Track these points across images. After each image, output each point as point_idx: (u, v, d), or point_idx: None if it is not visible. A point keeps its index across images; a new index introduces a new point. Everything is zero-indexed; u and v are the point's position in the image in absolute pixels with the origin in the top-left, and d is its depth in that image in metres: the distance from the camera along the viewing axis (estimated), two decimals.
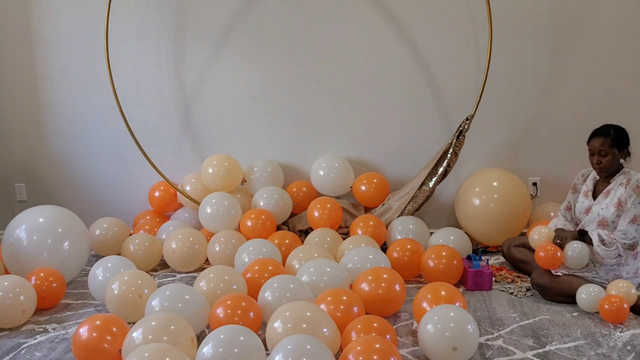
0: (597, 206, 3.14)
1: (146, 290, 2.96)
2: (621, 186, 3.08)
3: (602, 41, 3.95)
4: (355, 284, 2.98)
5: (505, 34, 3.96)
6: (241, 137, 4.37)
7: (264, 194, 4.07)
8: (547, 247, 3.07)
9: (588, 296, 2.92)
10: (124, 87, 4.24)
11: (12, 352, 2.77)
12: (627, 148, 3.11)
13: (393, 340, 2.49)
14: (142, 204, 4.44)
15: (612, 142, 3.06)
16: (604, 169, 3.11)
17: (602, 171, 3.14)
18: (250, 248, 3.44)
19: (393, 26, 4.11)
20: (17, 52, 4.37)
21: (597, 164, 3.12)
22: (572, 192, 3.39)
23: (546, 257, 3.05)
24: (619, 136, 3.08)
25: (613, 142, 3.06)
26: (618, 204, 3.06)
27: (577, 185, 3.36)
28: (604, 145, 3.07)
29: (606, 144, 3.06)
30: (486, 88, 3.89)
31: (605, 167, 3.10)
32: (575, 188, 3.37)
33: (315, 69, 4.23)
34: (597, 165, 3.12)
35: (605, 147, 3.06)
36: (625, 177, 3.09)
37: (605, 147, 3.06)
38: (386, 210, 4.07)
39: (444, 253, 3.35)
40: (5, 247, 3.43)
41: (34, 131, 4.48)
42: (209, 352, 2.25)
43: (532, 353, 2.61)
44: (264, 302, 2.78)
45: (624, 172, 3.11)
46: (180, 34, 4.27)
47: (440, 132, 4.18)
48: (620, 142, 3.08)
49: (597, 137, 3.10)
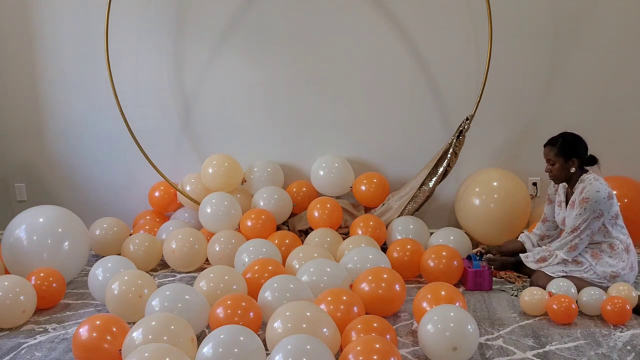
0: (568, 218, 3.21)
1: (146, 290, 2.95)
2: (580, 194, 3.12)
3: (602, 41, 3.95)
4: (355, 284, 2.98)
5: (505, 34, 3.96)
6: (241, 137, 4.37)
7: (264, 194, 4.07)
8: (560, 299, 2.87)
9: (589, 299, 2.91)
10: (124, 87, 4.24)
11: (12, 352, 2.77)
12: (574, 158, 3.13)
13: (393, 340, 2.49)
14: (142, 204, 4.44)
15: (557, 151, 3.14)
16: (554, 178, 3.23)
17: (554, 179, 3.25)
18: (250, 248, 3.44)
19: (393, 26, 4.11)
20: (17, 52, 4.37)
21: (547, 172, 3.23)
22: (548, 203, 3.46)
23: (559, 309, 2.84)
24: (565, 146, 3.14)
25: (559, 151, 3.14)
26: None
27: (551, 195, 3.43)
28: (550, 154, 3.18)
29: (552, 153, 3.17)
30: (486, 88, 3.89)
31: (555, 176, 3.21)
32: (550, 199, 3.44)
33: (315, 69, 4.23)
34: (547, 173, 3.23)
35: (552, 156, 3.17)
36: (582, 185, 3.13)
37: (551, 155, 3.17)
38: (386, 210, 4.07)
39: (444, 253, 3.35)
40: (5, 247, 3.42)
41: (34, 131, 4.48)
42: (209, 352, 2.25)
43: (532, 353, 2.60)
44: (264, 302, 2.78)
45: (581, 179, 3.16)
46: (180, 34, 4.27)
47: (440, 132, 4.18)
48: (566, 152, 3.13)
49: (546, 145, 3.21)
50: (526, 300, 2.97)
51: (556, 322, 2.87)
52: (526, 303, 2.97)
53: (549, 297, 2.93)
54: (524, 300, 2.98)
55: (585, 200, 3.05)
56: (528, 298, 2.97)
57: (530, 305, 2.95)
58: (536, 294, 2.96)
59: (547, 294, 2.96)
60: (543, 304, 2.93)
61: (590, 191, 3.06)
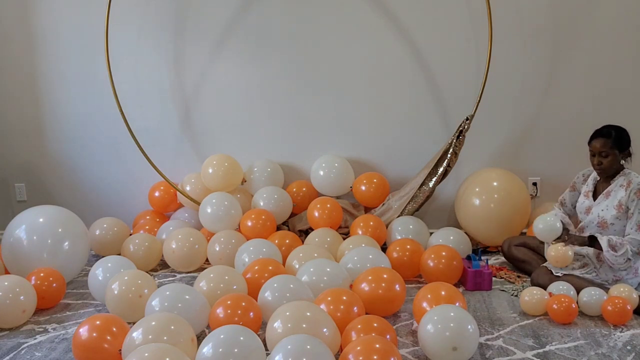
0: (597, 207, 3.14)
1: (146, 290, 2.95)
2: (621, 188, 3.08)
3: (602, 41, 3.95)
4: (355, 284, 2.98)
5: (505, 34, 3.96)
6: (241, 137, 4.37)
7: (264, 194, 4.07)
8: (561, 299, 2.87)
9: (590, 299, 2.91)
10: (124, 87, 4.23)
11: (12, 352, 2.77)
12: (628, 149, 3.11)
13: (393, 340, 2.49)
14: (142, 204, 4.44)
15: (613, 143, 3.06)
16: (604, 170, 3.12)
17: (602, 172, 3.14)
18: (250, 248, 3.44)
19: (393, 26, 4.11)
20: (17, 52, 4.37)
21: (597, 165, 3.12)
22: (571, 190, 3.40)
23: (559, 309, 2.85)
24: (620, 137, 3.08)
25: (614, 143, 3.06)
26: (619, 206, 3.06)
27: (577, 184, 3.37)
28: (605, 146, 3.07)
29: (607, 145, 3.06)
30: (486, 88, 3.89)
31: (606, 168, 3.10)
32: (575, 187, 3.38)
33: (315, 69, 4.23)
34: (598, 166, 3.12)
35: (607, 148, 3.07)
36: (625, 179, 3.08)
37: (606, 148, 3.07)
38: (386, 210, 4.07)
39: (444, 253, 3.35)
40: (5, 247, 3.42)
41: (34, 131, 4.48)
42: (209, 352, 2.25)
43: (532, 353, 2.60)
44: (264, 302, 2.78)
45: (624, 173, 3.11)
46: (180, 34, 4.27)
47: (440, 132, 4.18)
48: (621, 144, 3.08)
49: (598, 138, 3.10)
50: (526, 300, 2.97)
51: (556, 322, 2.87)
52: (526, 303, 2.97)
53: (549, 297, 2.93)
54: (524, 300, 2.98)
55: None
56: (528, 298, 2.97)
57: (530, 305, 2.95)
58: (536, 294, 2.96)
59: (547, 294, 2.96)
60: (543, 304, 2.93)
61: None
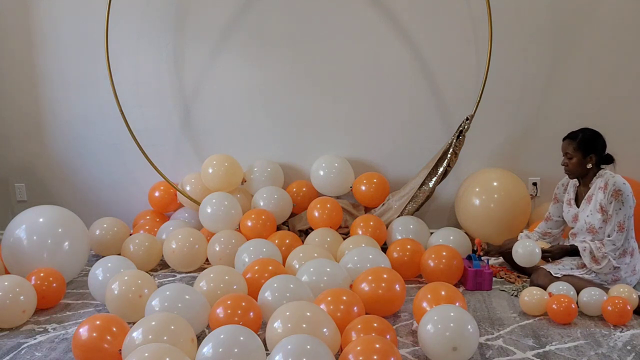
0: (583, 213, 3.18)
1: (146, 290, 2.95)
2: (600, 190, 3.10)
3: (602, 41, 3.95)
4: (355, 284, 2.98)
5: (505, 34, 3.96)
6: (241, 137, 4.37)
7: (264, 194, 4.07)
8: (560, 299, 2.87)
9: (589, 299, 2.91)
10: (124, 87, 4.24)
11: (12, 352, 2.76)
12: (595, 154, 3.11)
13: (393, 340, 2.49)
14: (142, 204, 4.44)
15: (577, 146, 3.12)
16: (570, 172, 3.20)
17: (568, 174, 3.22)
18: (250, 248, 3.44)
19: (393, 26, 4.11)
20: (17, 52, 4.37)
21: (563, 165, 3.20)
22: (554, 202, 3.43)
23: (559, 309, 2.85)
24: (586, 140, 3.12)
25: (579, 146, 3.11)
26: (601, 209, 3.08)
27: (559, 194, 3.41)
28: (569, 147, 3.15)
29: (571, 147, 3.14)
30: (486, 88, 3.89)
31: (571, 170, 3.18)
32: (557, 198, 3.42)
33: (315, 69, 4.23)
34: (563, 166, 3.20)
35: (570, 150, 3.14)
36: (603, 181, 3.11)
37: (570, 149, 3.15)
38: (386, 210, 4.07)
39: (444, 253, 3.35)
40: (5, 247, 3.42)
41: (34, 131, 4.48)
42: (209, 352, 2.25)
43: (532, 353, 2.60)
44: (264, 302, 2.78)
45: (600, 175, 3.14)
46: (180, 34, 4.27)
47: (440, 132, 4.18)
48: (585, 147, 3.11)
49: (565, 139, 3.19)
50: (526, 300, 2.97)
51: (556, 322, 2.87)
52: (526, 303, 2.97)
53: (548, 297, 2.93)
54: (523, 300, 2.98)
55: (618, 192, 3.02)
56: (528, 298, 2.97)
57: (530, 305, 2.95)
58: (536, 294, 2.96)
59: (547, 294, 2.96)
60: (543, 304, 2.93)
61: (617, 183, 3.03)
